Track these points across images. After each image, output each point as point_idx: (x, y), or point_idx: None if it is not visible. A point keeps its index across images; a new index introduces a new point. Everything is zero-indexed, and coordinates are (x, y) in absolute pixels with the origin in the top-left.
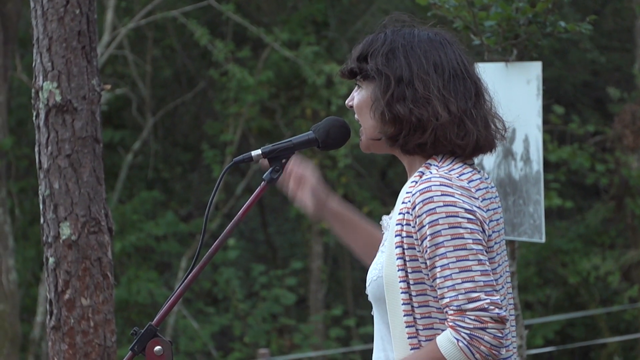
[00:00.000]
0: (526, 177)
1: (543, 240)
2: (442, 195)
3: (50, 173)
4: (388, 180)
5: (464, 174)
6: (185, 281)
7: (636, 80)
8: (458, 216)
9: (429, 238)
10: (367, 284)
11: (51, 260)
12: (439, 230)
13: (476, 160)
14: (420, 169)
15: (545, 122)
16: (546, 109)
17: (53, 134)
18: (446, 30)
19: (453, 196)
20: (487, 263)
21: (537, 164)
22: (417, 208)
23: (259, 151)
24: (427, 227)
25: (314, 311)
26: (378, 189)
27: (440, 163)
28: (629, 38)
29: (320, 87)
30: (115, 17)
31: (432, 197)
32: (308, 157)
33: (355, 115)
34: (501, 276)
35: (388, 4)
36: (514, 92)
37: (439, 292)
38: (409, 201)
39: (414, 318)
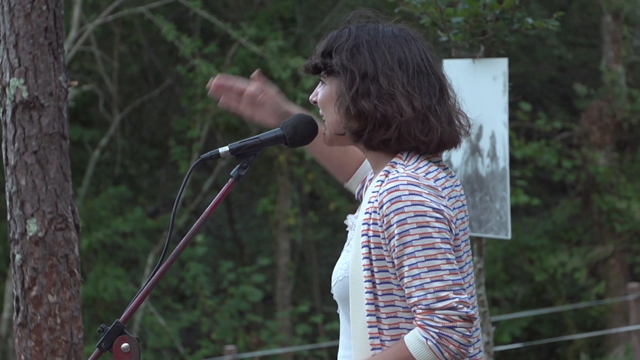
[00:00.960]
0: (492, 174)
1: (509, 236)
2: (409, 194)
3: (17, 170)
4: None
5: (429, 172)
6: (153, 278)
7: (603, 77)
8: (426, 215)
9: (396, 237)
10: (332, 284)
11: (18, 256)
12: (407, 230)
13: (444, 157)
14: (386, 168)
15: (512, 118)
16: (513, 106)
17: (20, 130)
18: (410, 26)
19: (421, 195)
20: (455, 262)
21: (503, 161)
22: (384, 207)
23: (226, 148)
24: (394, 226)
25: (281, 308)
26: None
27: (406, 161)
28: (596, 34)
29: (286, 82)
30: (83, 13)
31: (399, 196)
32: (275, 154)
33: (320, 111)
34: (468, 274)
35: (355, 0)
36: (481, 89)
37: (406, 291)
38: (376, 200)
39: (378, 318)
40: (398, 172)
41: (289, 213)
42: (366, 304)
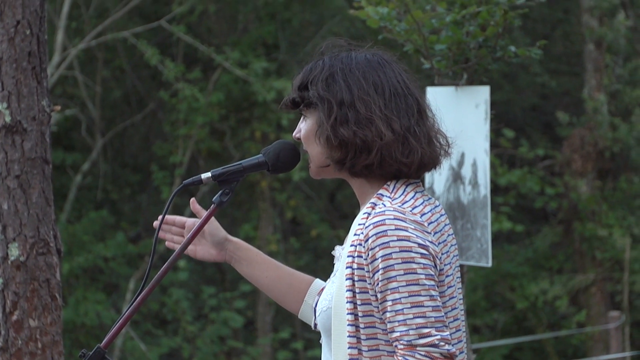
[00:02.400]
0: (474, 201)
1: (489, 264)
2: (395, 229)
3: None
4: (337, 203)
5: (416, 206)
6: (134, 303)
7: (585, 105)
8: (411, 251)
9: (381, 272)
10: (316, 314)
11: None
12: (392, 265)
13: (427, 184)
14: (372, 200)
15: (495, 145)
16: (496, 133)
17: (2, 154)
18: (385, 50)
19: (407, 230)
20: (439, 299)
21: (484, 188)
22: (369, 241)
23: (209, 174)
24: (379, 260)
25: (262, 334)
26: (327, 212)
27: (393, 193)
28: (578, 62)
29: (270, 104)
30: (66, 38)
31: (385, 230)
32: (257, 180)
33: (304, 146)
34: (454, 309)
35: (338, 26)
36: (464, 116)
37: (389, 325)
38: (362, 233)
39: (359, 350)
40: (385, 205)
41: (270, 239)
42: (348, 336)
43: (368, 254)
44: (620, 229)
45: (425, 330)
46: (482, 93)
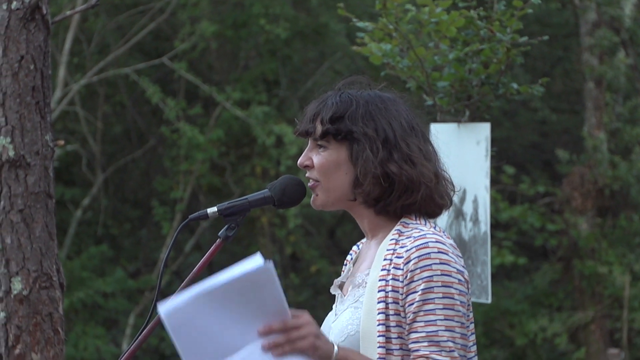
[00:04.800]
0: (475, 238)
1: (489, 301)
2: (438, 252)
3: (2, 228)
4: (336, 239)
5: (444, 233)
6: (140, 336)
7: (585, 143)
8: (451, 276)
9: (419, 292)
10: (340, 339)
11: (2, 315)
12: (432, 287)
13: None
14: (397, 228)
15: (496, 181)
16: (497, 169)
17: (6, 188)
18: (392, 90)
19: (447, 254)
20: (465, 326)
21: (484, 225)
22: (411, 263)
23: (214, 209)
24: (420, 282)
25: None
26: (326, 248)
27: (417, 221)
28: (578, 100)
29: (269, 148)
30: (67, 73)
31: (429, 253)
32: (257, 216)
33: (310, 174)
34: (473, 333)
35: (339, 63)
36: (465, 153)
37: (415, 344)
38: (400, 257)
39: None
40: (422, 229)
41: None
42: (378, 359)
43: (406, 276)
44: (620, 267)
45: (455, 355)
46: (483, 130)
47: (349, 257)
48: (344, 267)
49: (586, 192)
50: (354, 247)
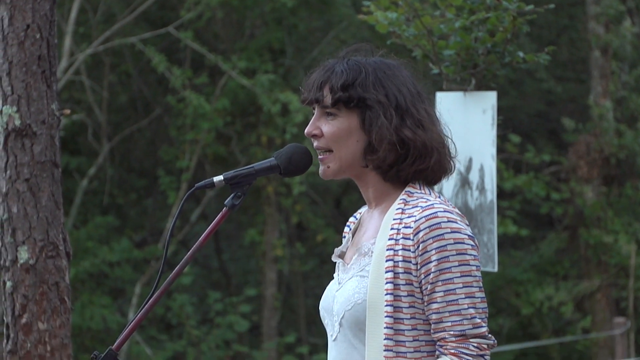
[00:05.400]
0: (481, 207)
1: (496, 269)
2: (448, 222)
3: (8, 197)
4: (342, 208)
5: (449, 202)
6: (147, 305)
7: (591, 111)
8: (464, 243)
9: (434, 263)
10: (345, 308)
11: (9, 284)
12: (447, 256)
13: (437, 189)
14: (402, 197)
15: (501, 150)
16: (502, 138)
17: (12, 158)
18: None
19: (457, 222)
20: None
21: (491, 194)
22: (421, 233)
23: (221, 177)
24: (433, 252)
25: (267, 338)
26: (332, 217)
27: (422, 190)
28: (584, 69)
29: (275, 116)
30: (73, 43)
31: (439, 223)
32: (263, 185)
33: (319, 143)
34: None
35: (345, 32)
36: (471, 122)
37: (436, 315)
38: (409, 227)
39: (397, 342)
40: (429, 199)
41: (276, 244)
42: (385, 328)
43: (418, 247)
44: (625, 236)
45: (477, 321)
46: (489, 98)
47: (347, 229)
48: (343, 238)
49: (592, 160)
50: (351, 219)
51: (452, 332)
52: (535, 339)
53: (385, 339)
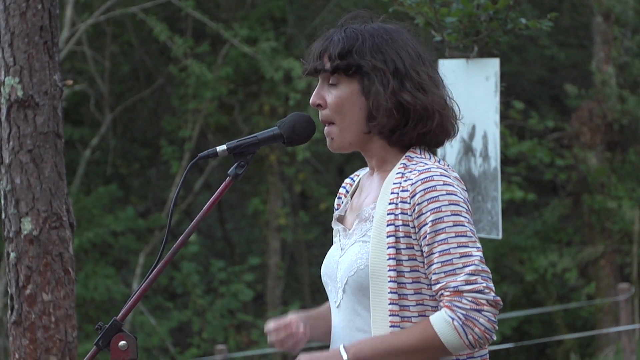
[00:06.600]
0: (485, 174)
1: (500, 236)
2: (443, 184)
3: (11, 168)
4: (345, 176)
5: (448, 166)
6: (151, 276)
7: (594, 77)
8: (458, 205)
9: (430, 224)
10: (349, 273)
11: (12, 255)
12: (441, 217)
13: (439, 157)
14: (403, 161)
15: (505, 117)
16: (506, 104)
17: (15, 129)
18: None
19: (452, 185)
20: (481, 251)
21: (494, 161)
22: (416, 196)
23: (224, 147)
24: (428, 214)
25: (272, 307)
26: (335, 185)
27: (422, 155)
28: (586, 34)
29: (278, 83)
30: (75, 13)
31: (434, 186)
32: (266, 154)
33: (324, 114)
34: None
35: (346, 1)
36: (474, 89)
37: (434, 277)
38: (406, 190)
39: (401, 306)
40: (427, 164)
41: (279, 213)
42: (389, 293)
43: (414, 209)
44: (629, 201)
45: (473, 278)
46: (492, 65)
47: (342, 190)
48: (337, 199)
49: (595, 126)
50: (347, 180)
51: (448, 288)
52: (539, 306)
53: (390, 304)
